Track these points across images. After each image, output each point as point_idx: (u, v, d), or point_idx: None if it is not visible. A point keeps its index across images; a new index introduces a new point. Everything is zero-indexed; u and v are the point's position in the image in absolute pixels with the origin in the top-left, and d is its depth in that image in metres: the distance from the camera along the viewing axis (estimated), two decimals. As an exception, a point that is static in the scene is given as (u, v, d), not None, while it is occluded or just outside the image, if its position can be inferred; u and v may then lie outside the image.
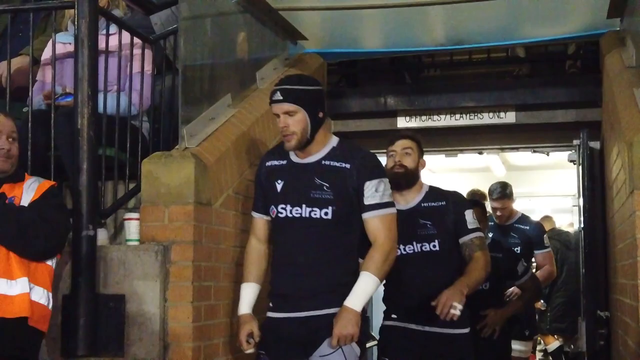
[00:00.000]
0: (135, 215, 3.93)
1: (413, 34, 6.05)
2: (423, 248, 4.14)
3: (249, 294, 3.80)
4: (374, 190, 3.62)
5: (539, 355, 10.93)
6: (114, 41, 4.24)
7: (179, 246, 3.79)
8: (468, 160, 9.96)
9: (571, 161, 6.57)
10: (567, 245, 9.13)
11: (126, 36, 4.30)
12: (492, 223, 6.34)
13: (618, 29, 5.61)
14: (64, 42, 4.46)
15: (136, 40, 4.37)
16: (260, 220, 3.85)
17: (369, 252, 3.64)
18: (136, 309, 3.76)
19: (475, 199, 5.94)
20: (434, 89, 6.77)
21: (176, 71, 4.50)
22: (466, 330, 4.22)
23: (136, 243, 3.88)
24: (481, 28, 5.93)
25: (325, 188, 3.60)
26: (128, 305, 3.77)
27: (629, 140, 3.74)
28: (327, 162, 3.66)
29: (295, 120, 3.61)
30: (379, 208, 3.64)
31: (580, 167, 6.11)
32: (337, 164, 3.64)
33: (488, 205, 6.39)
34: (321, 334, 3.55)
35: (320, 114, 3.67)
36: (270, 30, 5.48)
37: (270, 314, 3.71)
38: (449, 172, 11.47)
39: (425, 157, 4.36)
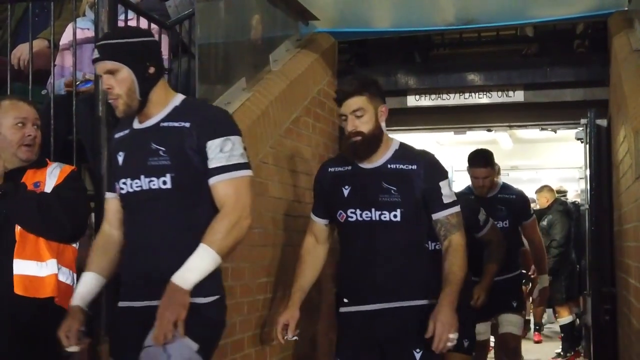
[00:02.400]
0: (154, 199, 4.02)
1: (423, 14, 6.11)
2: (382, 217, 3.60)
3: (83, 284, 3.23)
4: (218, 151, 3.01)
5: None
6: (131, 26, 4.32)
7: (197, 229, 3.88)
8: (475, 133, 10.05)
9: (578, 139, 6.69)
10: (570, 215, 9.27)
11: (143, 21, 4.37)
12: (473, 197, 5.58)
13: (626, 9, 5.68)
14: (82, 28, 4.52)
15: (152, 25, 4.45)
16: (110, 201, 3.28)
17: (211, 222, 3.00)
18: (156, 290, 3.86)
19: None
20: (444, 67, 6.87)
21: (191, 56, 4.58)
22: (425, 302, 3.61)
23: (155, 226, 3.98)
24: (490, 8, 5.99)
25: (161, 153, 3.03)
26: (149, 287, 3.88)
27: (636, 128, 3.82)
28: (165, 124, 3.09)
29: (119, 80, 3.05)
30: (225, 171, 3.02)
31: (588, 146, 6.22)
32: (176, 124, 3.06)
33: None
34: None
35: (152, 70, 3.08)
36: (282, 11, 5.55)
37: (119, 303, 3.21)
38: (456, 145, 11.55)
39: (435, 134, 4.10)
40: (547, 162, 13.17)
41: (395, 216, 3.58)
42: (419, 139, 9.41)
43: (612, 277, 5.82)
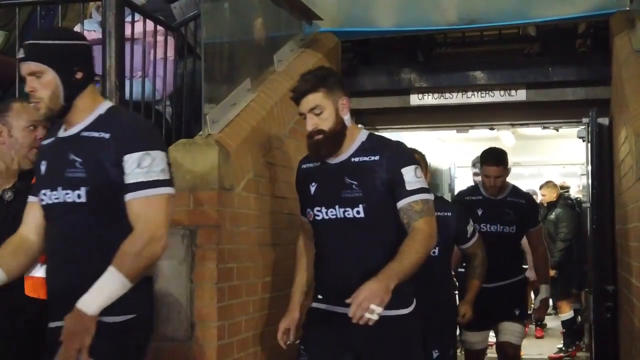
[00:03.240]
0: (161, 200, 4.06)
1: (425, 13, 6.15)
2: (346, 214, 3.38)
3: None
4: (135, 166, 2.82)
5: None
6: (137, 28, 4.36)
7: (204, 230, 3.92)
8: (478, 130, 10.09)
9: (580, 137, 6.73)
10: (575, 210, 9.33)
11: (149, 23, 4.41)
12: (481, 197, 5.42)
13: (628, 8, 5.71)
14: (88, 30, 4.57)
15: (159, 27, 4.49)
16: (31, 204, 3.13)
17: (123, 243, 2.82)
18: (164, 290, 3.88)
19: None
20: (446, 66, 6.92)
21: (197, 57, 4.62)
22: (407, 311, 3.39)
23: (163, 227, 4.02)
24: (493, 7, 6.03)
25: (77, 164, 2.88)
26: (156, 286, 3.83)
27: (637, 130, 3.86)
28: (86, 133, 2.92)
29: (43, 82, 2.89)
30: (141, 188, 2.83)
31: (589, 145, 6.27)
32: (96, 134, 2.89)
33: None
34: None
35: (79, 75, 2.93)
36: (286, 11, 5.57)
37: None
38: (459, 141, 11.60)
39: (437, 132, 3.86)
40: (549, 159, 13.23)
41: (358, 212, 3.36)
42: (420, 135, 9.50)
43: (614, 275, 5.86)
